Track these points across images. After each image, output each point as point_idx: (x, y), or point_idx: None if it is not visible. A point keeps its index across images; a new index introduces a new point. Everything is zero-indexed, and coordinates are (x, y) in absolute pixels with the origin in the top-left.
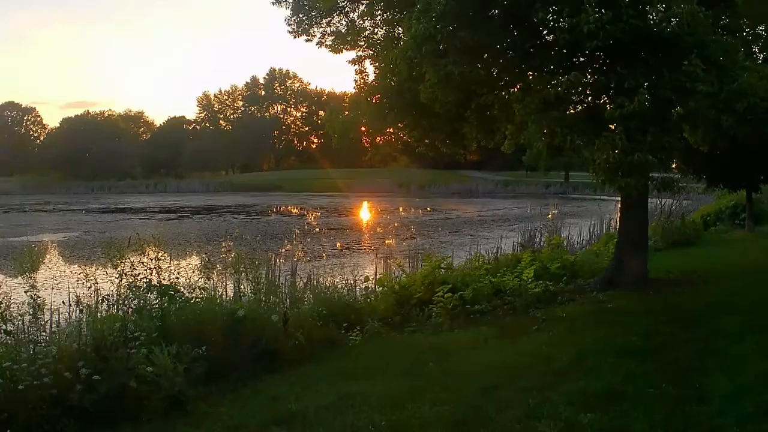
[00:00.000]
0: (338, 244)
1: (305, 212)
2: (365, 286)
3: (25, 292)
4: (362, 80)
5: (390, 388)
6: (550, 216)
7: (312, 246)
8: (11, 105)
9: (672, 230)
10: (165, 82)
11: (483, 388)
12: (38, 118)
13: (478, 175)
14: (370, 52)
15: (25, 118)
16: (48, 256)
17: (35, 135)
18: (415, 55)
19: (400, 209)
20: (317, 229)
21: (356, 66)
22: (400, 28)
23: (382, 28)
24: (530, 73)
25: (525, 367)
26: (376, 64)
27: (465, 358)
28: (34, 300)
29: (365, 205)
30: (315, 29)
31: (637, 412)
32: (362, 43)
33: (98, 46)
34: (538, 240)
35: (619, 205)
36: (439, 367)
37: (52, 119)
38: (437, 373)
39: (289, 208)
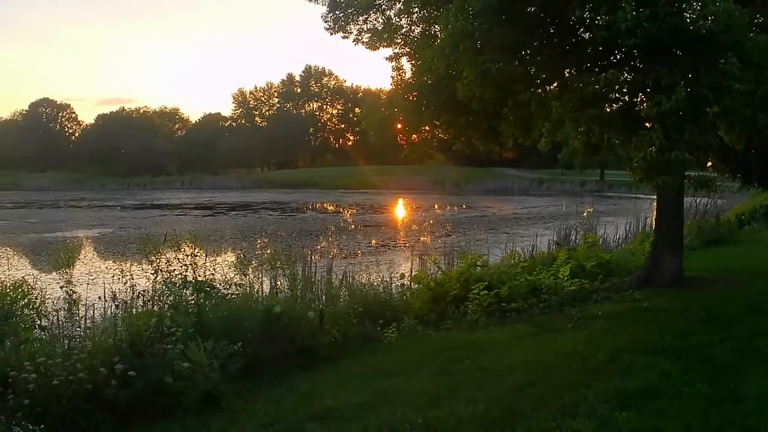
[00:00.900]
0: (373, 241)
1: (341, 209)
2: (401, 284)
3: (61, 287)
4: (399, 77)
5: (425, 385)
6: (585, 214)
7: (347, 243)
8: (46, 101)
9: (707, 229)
10: (200, 79)
11: (518, 386)
12: (73, 115)
13: (513, 173)
14: (407, 49)
15: (60, 114)
16: (83, 252)
17: (70, 131)
18: (452, 53)
19: (436, 206)
20: (352, 226)
21: (393, 63)
22: (437, 26)
23: (418, 26)
24: (567, 70)
25: (560, 365)
26: (413, 62)
27: (500, 355)
28: (69, 295)
29: (400, 202)
30: (351, 26)
31: (671, 410)
32: (399, 41)
33: (134, 43)
34: (573, 238)
35: (655, 204)
36: (474, 364)
37: (86, 116)
38: (473, 370)
39: (325, 205)
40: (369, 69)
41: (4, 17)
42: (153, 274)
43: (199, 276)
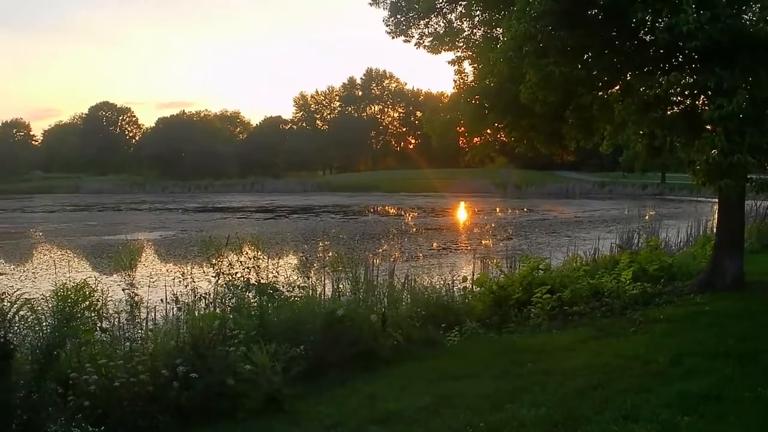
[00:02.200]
0: (435, 244)
1: (402, 212)
2: (463, 287)
3: (123, 290)
4: (461, 81)
5: (488, 388)
6: (647, 217)
7: (409, 246)
8: (106, 105)
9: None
10: (261, 82)
11: (581, 389)
12: (133, 118)
13: (574, 176)
14: (469, 53)
15: (120, 118)
16: (144, 255)
17: (130, 135)
18: (515, 56)
19: (497, 209)
20: (414, 229)
21: (455, 67)
22: (498, 29)
23: (480, 29)
24: (629, 73)
25: (622, 369)
26: (475, 65)
27: (563, 359)
28: (131, 298)
29: (462, 205)
30: (413, 30)
31: (732, 415)
32: (461, 44)
33: (194, 46)
34: (636, 241)
35: (717, 207)
36: (537, 367)
37: (147, 119)
38: (535, 373)
39: (386, 208)
40: (430, 72)
41: (65, 21)
42: (215, 276)
43: (261, 278)
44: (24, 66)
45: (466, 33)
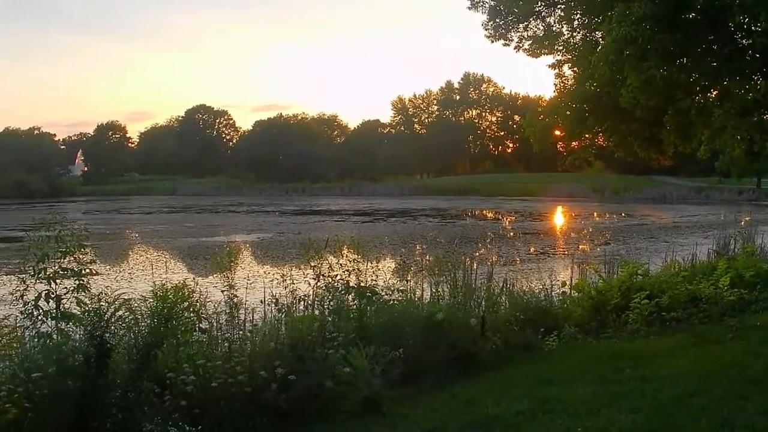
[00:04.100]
0: (533, 248)
1: (499, 216)
2: (561, 291)
3: (222, 291)
4: (562, 84)
5: (586, 393)
6: (742, 223)
7: (507, 250)
8: (203, 108)
9: None
10: (359, 86)
11: (678, 396)
12: (230, 121)
13: (671, 181)
14: (569, 56)
15: (217, 120)
16: (241, 256)
17: (227, 137)
18: (616, 59)
19: (594, 214)
20: (512, 233)
21: (555, 71)
22: (598, 33)
23: (579, 33)
24: (728, 77)
25: (719, 376)
26: (575, 69)
27: (660, 365)
28: (231, 299)
29: (559, 209)
30: (512, 34)
31: None
32: (560, 48)
33: (290, 49)
34: (732, 247)
35: None
36: (634, 373)
37: (243, 122)
38: (633, 379)
39: (484, 211)
40: (527, 75)
41: (159, 25)
42: (314, 278)
43: (360, 281)
44: (119, 70)
45: (566, 36)
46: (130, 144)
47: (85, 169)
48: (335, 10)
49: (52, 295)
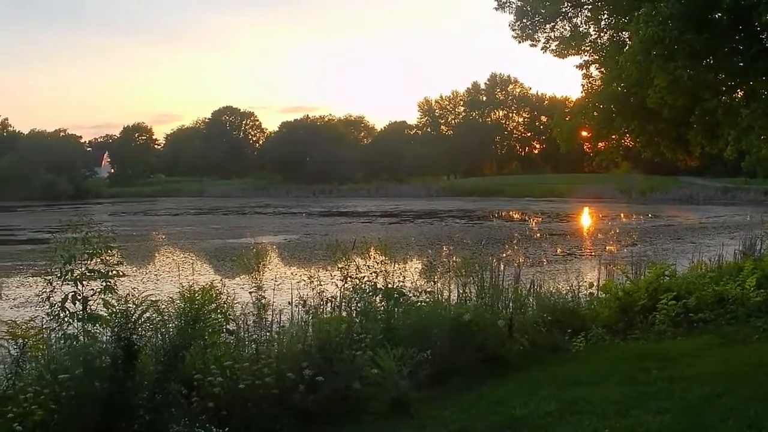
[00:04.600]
0: (559, 249)
1: (526, 217)
2: (588, 293)
3: (250, 292)
4: (589, 85)
5: (613, 394)
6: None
7: (534, 251)
8: (229, 110)
9: None
10: (385, 87)
11: (705, 397)
12: (257, 122)
13: (698, 182)
14: (596, 57)
15: (244, 122)
16: (268, 258)
17: (254, 139)
18: (644, 59)
19: (621, 215)
20: (538, 235)
21: (583, 71)
22: (625, 33)
23: (606, 33)
24: (755, 77)
25: (747, 377)
26: (602, 69)
27: (688, 366)
28: (258, 300)
29: (586, 210)
30: (539, 34)
31: None
32: (587, 48)
33: (317, 50)
34: (758, 248)
35: None
36: (662, 374)
37: (270, 123)
38: (660, 380)
39: (510, 212)
40: (553, 76)
41: (184, 27)
42: (341, 280)
43: (388, 283)
44: (145, 72)
45: (593, 37)
46: (156, 146)
47: (112, 171)
48: (362, 11)
49: (79, 297)
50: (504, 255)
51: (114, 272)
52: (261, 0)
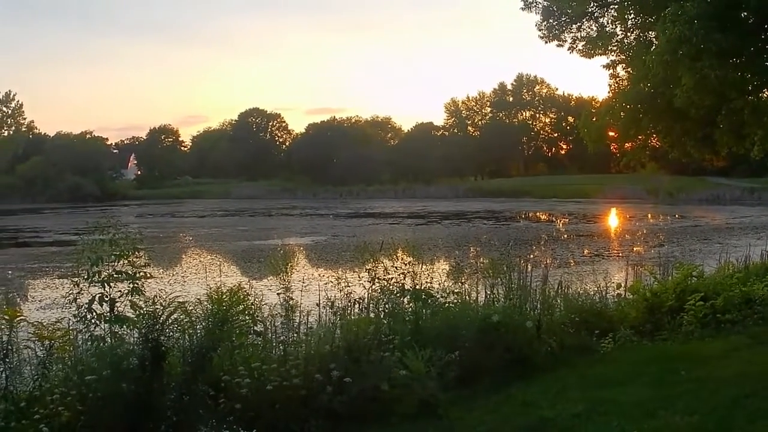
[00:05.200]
0: (587, 250)
1: (553, 218)
2: (616, 294)
3: (278, 294)
4: (616, 85)
5: (641, 395)
6: None
7: (561, 252)
8: (256, 111)
9: None
10: (412, 88)
11: (734, 398)
12: (283, 124)
13: (724, 182)
14: (622, 56)
15: (270, 123)
16: (295, 259)
17: (280, 140)
18: (671, 59)
19: (648, 216)
20: (566, 236)
21: (610, 71)
22: (651, 32)
23: (633, 33)
24: None
25: None
26: (629, 69)
27: (716, 367)
28: (286, 302)
29: (613, 211)
30: (565, 34)
31: None
32: (614, 48)
33: (343, 52)
34: None
35: None
36: (690, 375)
37: (296, 125)
38: (688, 381)
39: (538, 213)
40: (580, 76)
41: (213, 28)
42: (369, 281)
43: (416, 284)
44: (171, 74)
45: (619, 37)
46: (182, 148)
47: (138, 172)
48: (389, 13)
49: (106, 299)
50: (531, 256)
51: (141, 274)
52: (288, 2)
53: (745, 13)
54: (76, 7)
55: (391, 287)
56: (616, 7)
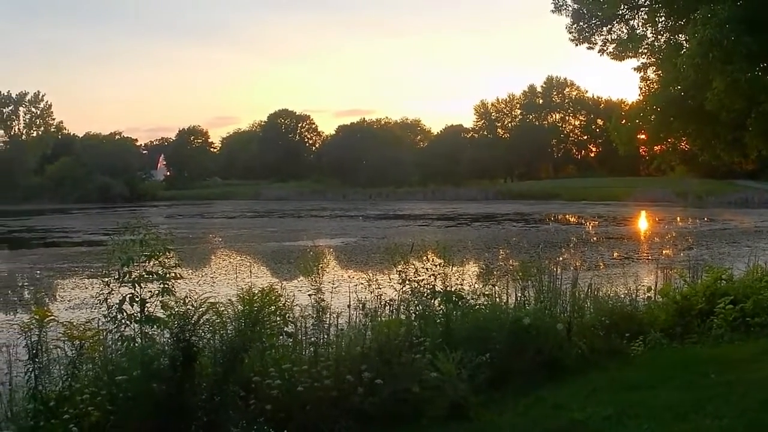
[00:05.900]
0: (616, 253)
1: (583, 221)
2: (646, 297)
3: (309, 295)
4: (647, 88)
5: (671, 398)
6: None
7: (590, 255)
8: (285, 113)
9: None
10: (441, 90)
11: (763, 401)
12: (313, 126)
13: (753, 185)
14: (653, 59)
15: (299, 125)
16: (325, 261)
17: (310, 142)
18: (702, 62)
19: (678, 219)
20: (595, 238)
21: (640, 74)
22: (682, 35)
23: (663, 35)
24: None
25: None
26: (659, 72)
27: (746, 370)
28: (317, 303)
29: (642, 214)
30: (596, 37)
31: None
32: (644, 51)
33: (373, 54)
34: None
35: None
36: (719, 378)
37: (326, 127)
38: (718, 384)
39: (567, 216)
40: (609, 79)
41: (243, 29)
42: (400, 283)
43: (446, 286)
44: (200, 75)
45: (650, 39)
46: (212, 149)
47: (168, 173)
48: (419, 16)
49: (137, 299)
50: (561, 258)
51: (171, 274)
52: (317, 3)
53: None
54: (107, 8)
55: (421, 289)
56: (647, 9)
